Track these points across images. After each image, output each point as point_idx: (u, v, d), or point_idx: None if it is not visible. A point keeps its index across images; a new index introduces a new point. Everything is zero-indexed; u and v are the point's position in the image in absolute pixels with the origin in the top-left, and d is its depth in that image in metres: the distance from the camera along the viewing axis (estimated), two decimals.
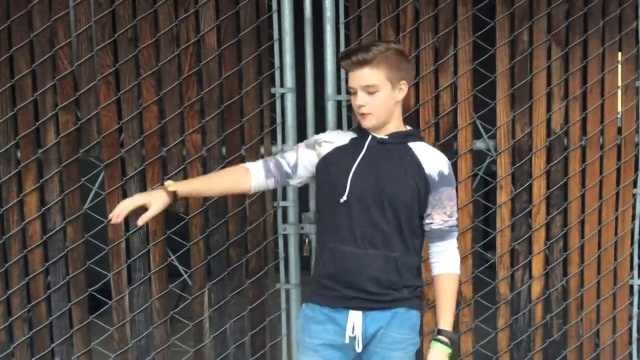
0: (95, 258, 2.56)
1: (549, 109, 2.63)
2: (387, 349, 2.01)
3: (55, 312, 2.56)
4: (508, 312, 2.69)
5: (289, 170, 2.10)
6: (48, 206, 2.51)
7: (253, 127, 2.53)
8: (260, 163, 2.11)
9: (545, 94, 2.61)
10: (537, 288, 2.68)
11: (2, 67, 2.45)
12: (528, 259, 2.67)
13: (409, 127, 2.10)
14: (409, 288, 2.04)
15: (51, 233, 2.52)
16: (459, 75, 2.57)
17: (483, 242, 2.77)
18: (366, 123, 2.00)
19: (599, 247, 2.70)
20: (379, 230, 1.98)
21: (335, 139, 2.09)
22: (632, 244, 2.72)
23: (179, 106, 2.51)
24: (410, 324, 2.05)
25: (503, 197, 2.64)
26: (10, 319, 2.56)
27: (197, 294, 2.58)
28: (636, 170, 2.69)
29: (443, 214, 2.04)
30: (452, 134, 2.59)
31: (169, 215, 2.54)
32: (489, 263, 2.74)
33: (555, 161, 2.64)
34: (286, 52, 2.51)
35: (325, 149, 2.06)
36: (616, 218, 2.69)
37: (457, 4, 2.55)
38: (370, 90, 1.95)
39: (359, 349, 2.01)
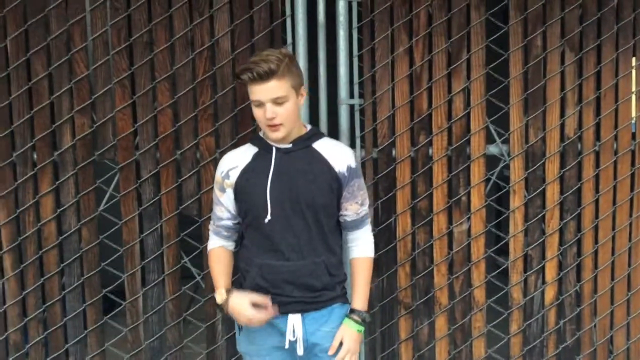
0: (110, 260, 2.59)
1: (562, 114, 2.62)
2: (326, 343, 2.04)
3: (69, 313, 2.59)
4: (521, 318, 2.68)
5: (234, 220, 2.11)
6: (63, 208, 2.54)
7: None
8: (219, 237, 2.14)
9: (559, 99, 2.61)
10: (550, 293, 2.67)
11: (19, 70, 2.48)
12: (541, 265, 2.66)
13: (308, 126, 2.10)
14: (341, 284, 2.10)
15: (66, 234, 2.55)
16: (472, 79, 2.57)
17: (496, 247, 2.76)
18: (277, 135, 1.96)
19: (613, 253, 2.69)
20: (304, 239, 2.00)
21: (237, 160, 2.06)
22: None
23: (193, 110, 2.53)
24: (343, 317, 2.08)
25: (516, 202, 2.64)
26: (26, 319, 2.59)
27: (210, 296, 2.59)
28: None
29: (355, 204, 2.08)
30: (465, 139, 2.59)
31: (182, 218, 2.57)
32: (501, 268, 2.73)
33: (569, 166, 2.64)
34: (299, 57, 2.52)
35: (233, 177, 2.04)
36: (630, 224, 2.68)
37: (470, 8, 2.55)
38: (279, 101, 1.92)
39: (300, 352, 2.03)
